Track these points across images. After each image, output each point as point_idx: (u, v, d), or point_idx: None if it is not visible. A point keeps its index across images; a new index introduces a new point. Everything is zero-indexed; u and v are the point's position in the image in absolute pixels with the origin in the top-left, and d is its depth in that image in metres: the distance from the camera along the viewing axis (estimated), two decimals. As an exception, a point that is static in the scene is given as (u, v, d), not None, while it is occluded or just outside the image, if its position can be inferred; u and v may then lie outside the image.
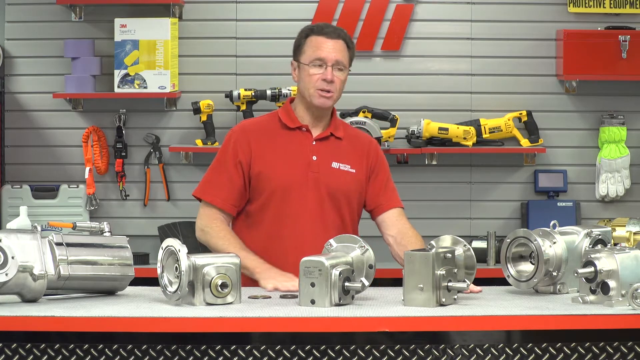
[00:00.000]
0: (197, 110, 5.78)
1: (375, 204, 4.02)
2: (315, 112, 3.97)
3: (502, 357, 3.12)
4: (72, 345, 3.10)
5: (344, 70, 3.96)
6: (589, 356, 3.12)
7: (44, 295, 3.28)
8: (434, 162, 5.89)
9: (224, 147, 3.98)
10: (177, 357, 3.10)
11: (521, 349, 3.12)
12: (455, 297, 3.27)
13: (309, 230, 3.88)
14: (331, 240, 3.47)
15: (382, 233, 4.03)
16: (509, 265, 3.48)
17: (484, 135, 5.85)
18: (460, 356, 3.12)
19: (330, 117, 4.02)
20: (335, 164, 3.97)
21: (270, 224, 3.90)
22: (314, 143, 3.96)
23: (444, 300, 3.24)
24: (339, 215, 3.96)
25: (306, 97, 3.94)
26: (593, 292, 3.25)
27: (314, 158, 3.94)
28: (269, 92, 5.77)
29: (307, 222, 3.90)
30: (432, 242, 3.42)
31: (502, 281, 3.66)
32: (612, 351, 3.12)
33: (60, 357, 3.10)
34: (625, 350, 3.13)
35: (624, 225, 5.44)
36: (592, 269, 3.24)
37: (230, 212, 3.93)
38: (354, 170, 3.99)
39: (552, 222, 3.52)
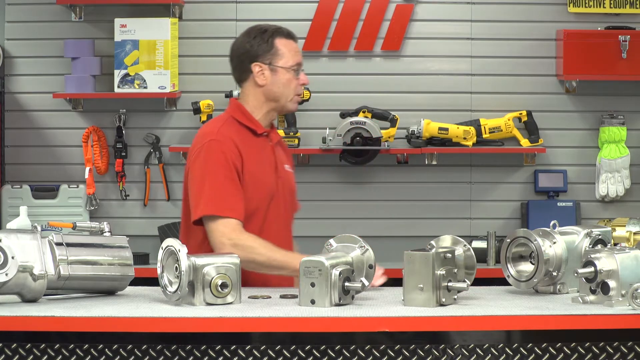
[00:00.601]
0: (197, 110, 5.78)
1: None
2: (274, 116, 3.89)
3: (502, 357, 3.12)
4: (72, 345, 3.10)
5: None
6: (589, 356, 3.12)
7: (44, 295, 3.28)
8: (434, 162, 5.89)
9: (215, 158, 3.70)
10: (177, 357, 3.10)
11: (521, 349, 3.12)
12: (455, 297, 3.27)
13: (282, 235, 3.85)
14: (331, 240, 3.47)
15: None
16: (509, 265, 3.48)
17: (484, 135, 5.85)
18: (460, 356, 3.12)
19: None
20: (286, 167, 3.94)
21: (257, 231, 3.74)
22: (273, 148, 3.89)
23: (444, 300, 3.24)
24: (292, 216, 3.97)
25: (281, 101, 3.83)
26: (593, 292, 3.25)
27: (277, 163, 3.88)
28: (269, 92, 5.76)
29: (283, 226, 3.88)
30: (432, 242, 3.42)
31: (502, 281, 3.66)
32: (612, 351, 3.12)
33: (60, 357, 3.10)
34: (625, 350, 3.13)
35: (624, 225, 5.44)
36: (592, 269, 3.24)
37: (243, 220, 3.71)
38: (291, 170, 3.99)
39: (552, 222, 3.52)
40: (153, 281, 3.43)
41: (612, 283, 3.20)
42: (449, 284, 3.25)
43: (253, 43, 3.83)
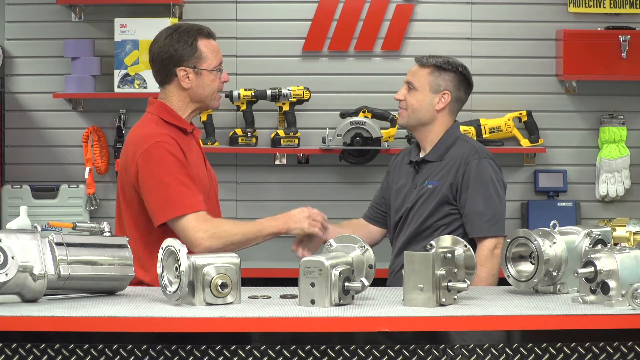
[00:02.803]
0: (197, 110, 5.78)
1: None
2: (197, 114, 3.95)
3: (502, 357, 3.12)
4: (72, 345, 3.10)
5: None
6: (589, 356, 3.12)
7: (44, 295, 3.28)
8: (434, 162, 5.88)
9: (166, 160, 3.70)
10: (177, 357, 3.10)
11: (521, 349, 3.12)
12: (455, 297, 3.27)
13: None
14: (331, 240, 3.47)
15: None
16: (509, 265, 3.48)
17: (484, 135, 5.85)
18: (460, 356, 3.12)
19: None
20: (208, 164, 4.00)
21: None
22: (198, 144, 3.96)
23: (444, 300, 3.24)
24: None
25: (207, 101, 3.87)
26: (593, 292, 3.25)
27: (204, 159, 3.96)
28: (269, 92, 5.77)
29: None
30: (432, 242, 3.42)
31: (502, 281, 3.66)
32: (612, 351, 3.12)
33: (60, 357, 3.10)
34: (625, 350, 3.13)
35: (624, 225, 5.43)
36: (592, 269, 3.24)
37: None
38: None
39: (552, 222, 3.52)
40: (153, 281, 3.44)
41: (612, 283, 3.20)
42: (449, 284, 3.25)
43: (177, 47, 3.80)
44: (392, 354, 3.10)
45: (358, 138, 5.76)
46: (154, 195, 3.71)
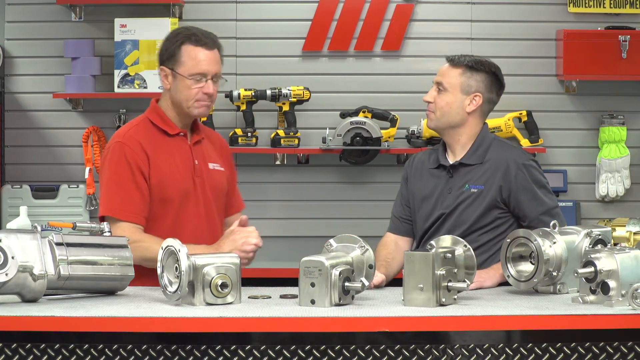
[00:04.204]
0: (197, 110, 5.78)
1: (225, 205, 4.03)
2: (188, 119, 3.93)
3: (502, 357, 3.12)
4: (72, 345, 3.10)
5: (219, 81, 3.89)
6: (589, 356, 3.12)
7: (44, 295, 3.28)
8: (434, 162, 5.88)
9: (117, 160, 3.78)
10: (177, 357, 3.10)
11: (521, 349, 3.12)
12: (455, 297, 3.27)
13: (204, 234, 3.87)
14: (331, 240, 3.47)
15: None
16: (509, 265, 3.48)
17: (484, 135, 5.85)
18: (460, 356, 3.12)
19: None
20: (211, 165, 3.96)
21: (167, 231, 3.75)
22: (192, 147, 3.93)
23: (444, 300, 3.24)
24: (220, 214, 3.98)
25: (184, 107, 3.86)
26: (593, 292, 3.25)
27: (196, 162, 3.91)
28: (269, 92, 5.77)
29: (201, 227, 3.89)
30: (432, 242, 3.42)
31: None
32: (612, 351, 3.12)
33: (60, 357, 3.10)
34: (625, 350, 3.13)
35: (624, 225, 5.44)
36: (592, 269, 3.24)
37: (143, 224, 3.80)
38: (223, 169, 4.01)
39: (552, 222, 3.52)
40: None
41: (612, 283, 3.20)
42: (449, 284, 3.25)
43: (163, 47, 3.89)
44: (392, 354, 3.10)
45: (358, 138, 5.76)
46: (101, 190, 3.88)
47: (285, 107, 5.80)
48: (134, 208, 3.77)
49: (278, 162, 5.89)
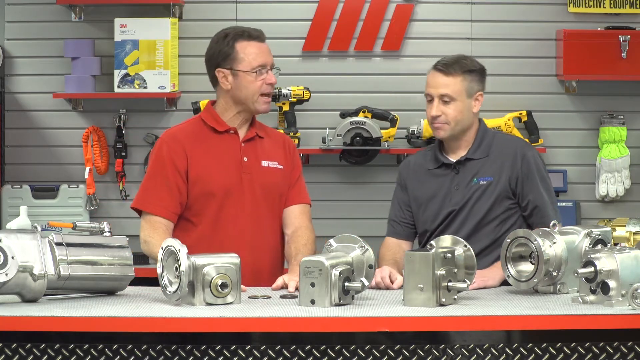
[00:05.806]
0: (197, 110, 5.77)
1: (285, 198, 4.04)
2: (247, 116, 3.97)
3: (502, 357, 3.12)
4: (72, 345, 3.10)
5: (276, 72, 4.00)
6: (589, 356, 3.12)
7: (44, 295, 3.28)
8: (434, 162, 5.88)
9: (157, 156, 3.94)
10: (177, 357, 3.10)
11: (521, 349, 3.12)
12: (455, 297, 3.27)
13: (247, 231, 3.90)
14: (331, 240, 3.47)
15: (283, 227, 4.03)
16: (509, 265, 3.48)
17: (484, 135, 5.85)
18: (460, 356, 3.12)
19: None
20: (264, 163, 3.99)
21: (208, 227, 3.89)
22: (243, 145, 3.97)
23: (444, 300, 3.24)
24: (272, 213, 3.98)
25: (249, 104, 3.92)
26: (593, 292, 3.25)
27: (245, 159, 3.95)
28: (269, 92, 5.76)
29: (245, 224, 3.91)
30: (432, 242, 3.42)
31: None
32: (612, 351, 3.12)
33: (60, 357, 3.10)
34: (625, 350, 3.13)
35: (624, 225, 5.44)
36: (592, 269, 3.24)
37: (172, 220, 3.90)
38: (281, 167, 4.02)
39: (552, 222, 3.52)
40: (153, 281, 3.44)
41: (612, 283, 3.20)
42: (449, 284, 3.25)
43: (215, 49, 3.96)
44: (392, 354, 3.10)
45: (358, 138, 5.76)
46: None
47: (285, 107, 5.79)
48: (161, 202, 3.88)
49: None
